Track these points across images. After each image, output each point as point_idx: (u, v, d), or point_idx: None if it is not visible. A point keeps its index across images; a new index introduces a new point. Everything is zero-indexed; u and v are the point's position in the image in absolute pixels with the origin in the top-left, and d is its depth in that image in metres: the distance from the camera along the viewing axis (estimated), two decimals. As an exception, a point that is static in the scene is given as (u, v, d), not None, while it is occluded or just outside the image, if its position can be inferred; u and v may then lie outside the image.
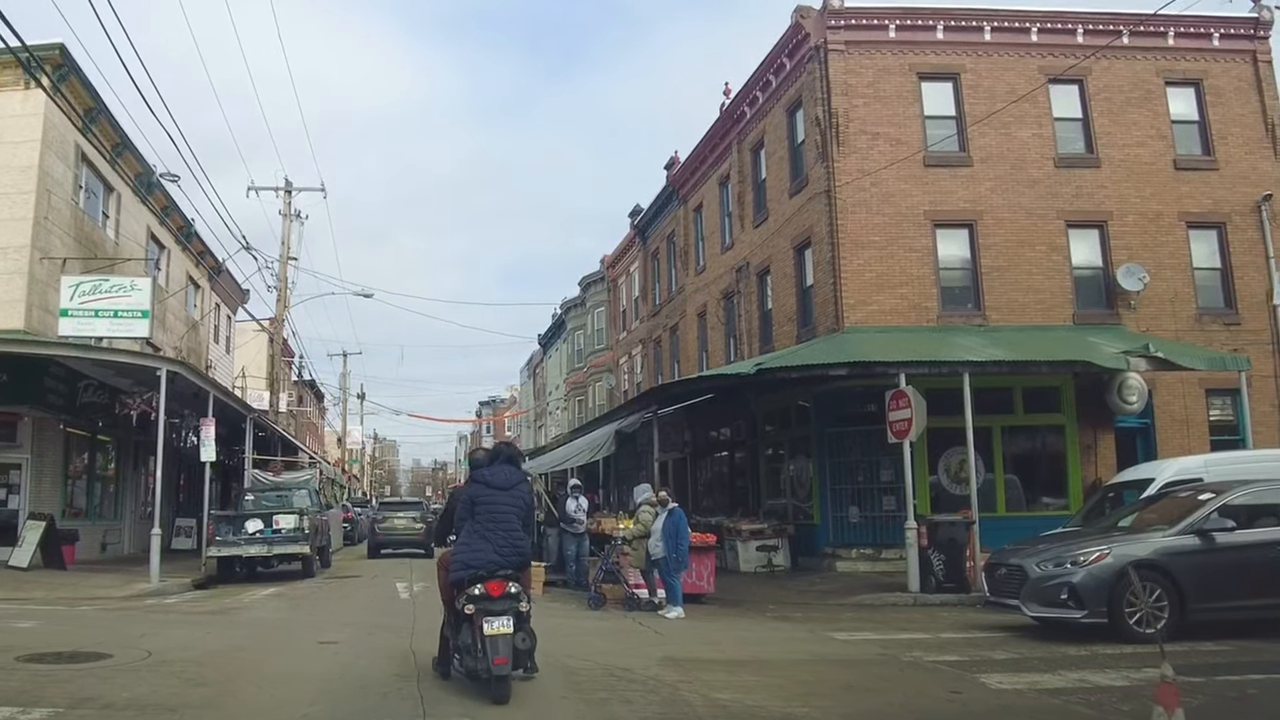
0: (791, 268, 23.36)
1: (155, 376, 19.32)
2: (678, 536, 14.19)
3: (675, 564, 14.13)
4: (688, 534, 14.51)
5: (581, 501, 18.01)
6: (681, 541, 14.29)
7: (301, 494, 23.89)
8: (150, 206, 29.92)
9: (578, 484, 18.61)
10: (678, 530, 14.24)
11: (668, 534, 14.21)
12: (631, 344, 37.71)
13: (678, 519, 14.41)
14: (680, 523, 14.40)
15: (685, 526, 14.48)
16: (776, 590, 17.66)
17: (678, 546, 14.13)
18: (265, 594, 17.09)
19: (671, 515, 14.41)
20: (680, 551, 14.20)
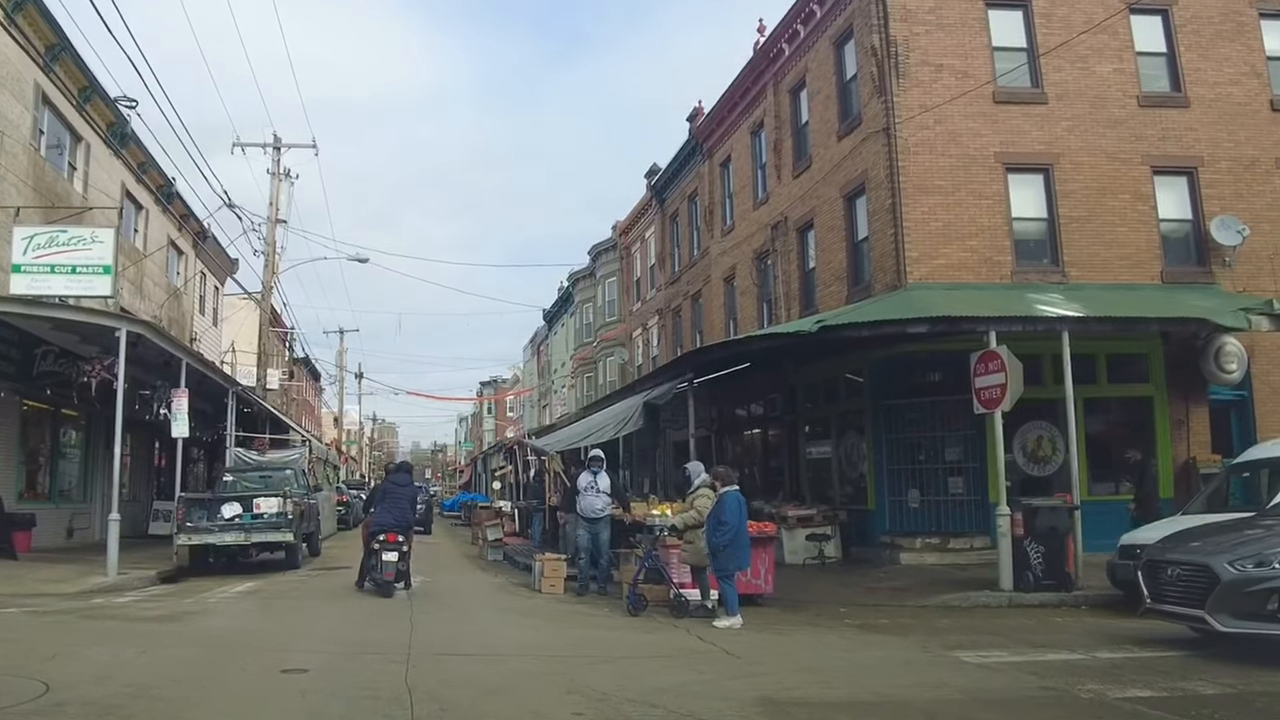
0: (841, 219, 20.66)
1: (114, 338, 16.65)
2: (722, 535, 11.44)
3: (731, 560, 11.41)
4: (745, 523, 11.78)
5: (600, 479, 14.37)
6: (741, 533, 11.60)
7: (287, 474, 21.30)
8: (125, 161, 27.24)
9: (599, 455, 14.96)
10: (722, 524, 11.49)
11: (713, 527, 11.54)
12: (647, 315, 35.00)
13: (731, 503, 11.63)
14: (736, 508, 11.65)
15: (743, 514, 11.73)
16: (837, 587, 15.06)
17: (736, 539, 11.42)
18: (237, 591, 14.48)
19: (718, 503, 11.69)
20: (738, 545, 11.50)
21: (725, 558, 11.31)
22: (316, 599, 13.33)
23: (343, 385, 60.92)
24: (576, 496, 14.36)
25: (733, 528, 11.39)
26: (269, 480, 20.77)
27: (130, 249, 27.90)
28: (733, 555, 11.41)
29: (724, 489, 11.77)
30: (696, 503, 12.29)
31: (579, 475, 14.80)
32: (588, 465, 14.77)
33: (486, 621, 10.95)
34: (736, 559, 11.52)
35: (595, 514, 14.25)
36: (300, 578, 16.95)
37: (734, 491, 11.77)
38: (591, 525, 14.24)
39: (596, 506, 14.28)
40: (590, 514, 14.25)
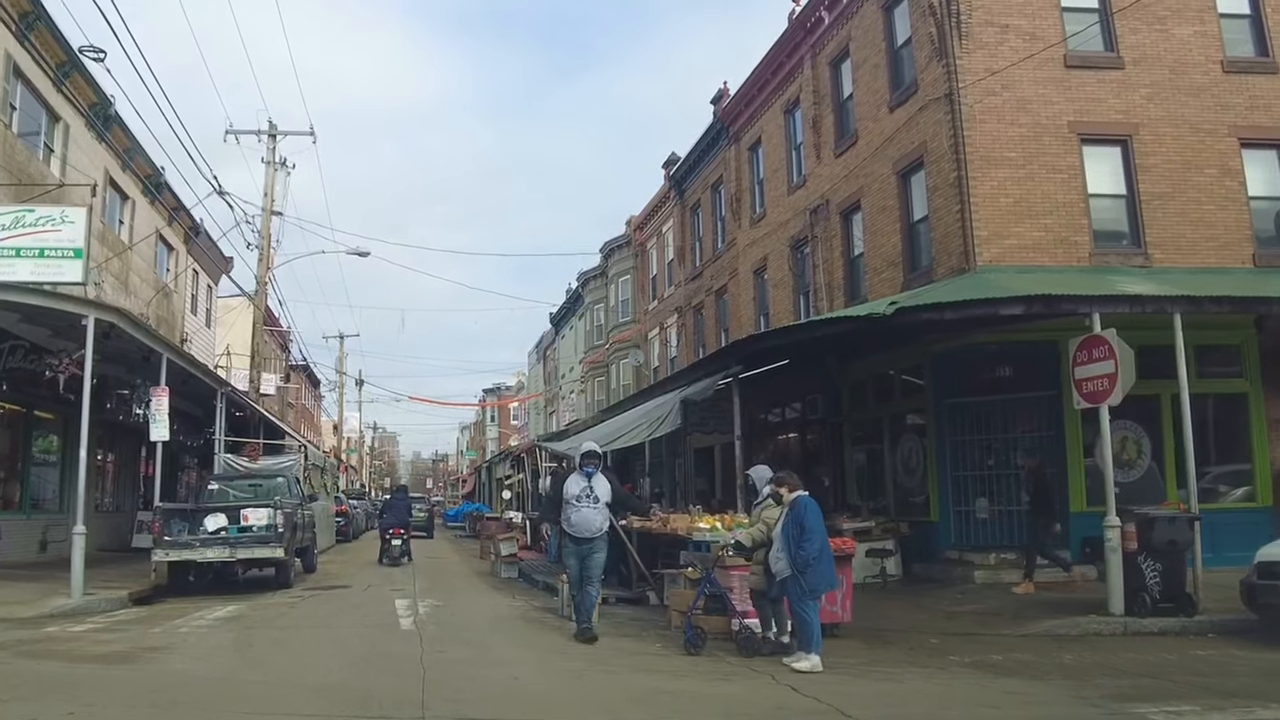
0: (894, 198, 18.64)
1: (80, 327, 14.64)
2: (812, 544, 9.26)
3: (820, 578, 9.32)
4: (825, 538, 9.69)
5: (597, 484, 10.65)
6: (828, 545, 9.56)
7: (279, 483, 19.25)
8: (110, 145, 25.23)
9: (593, 450, 11.10)
10: (808, 532, 9.30)
11: (791, 538, 9.32)
12: (664, 314, 32.93)
13: (813, 508, 9.54)
14: (819, 514, 9.60)
15: (821, 526, 9.59)
16: (914, 612, 13.02)
17: (825, 550, 9.36)
18: (215, 617, 12.43)
19: (794, 510, 9.50)
20: (827, 559, 9.44)
21: (815, 575, 9.19)
22: (308, 629, 11.24)
23: (342, 391, 58.93)
24: (564, 508, 10.60)
25: (820, 537, 9.35)
26: (259, 489, 18.75)
27: (114, 241, 25.93)
28: (822, 571, 9.32)
29: (794, 494, 9.69)
30: (764, 516, 10.19)
31: (565, 480, 10.97)
32: (580, 466, 10.82)
33: (515, 664, 8.85)
34: (827, 576, 9.45)
35: (592, 533, 10.54)
36: (291, 599, 14.89)
37: (807, 496, 9.73)
38: (582, 548, 10.54)
39: (594, 524, 10.56)
40: (585, 532, 10.50)
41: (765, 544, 9.96)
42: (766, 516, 10.09)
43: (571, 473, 11.21)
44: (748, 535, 10.31)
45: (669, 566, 13.72)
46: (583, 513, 10.57)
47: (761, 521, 10.13)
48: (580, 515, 10.58)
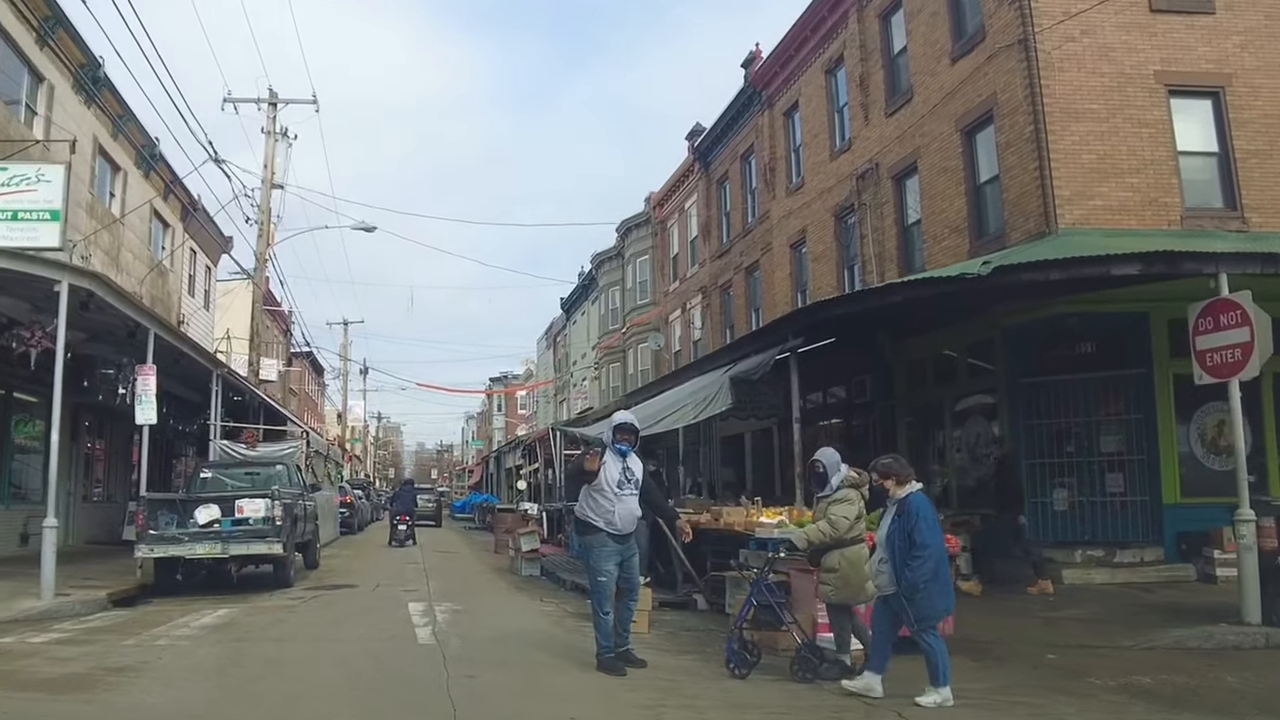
0: (957, 158, 16.89)
1: (53, 294, 12.93)
2: (923, 565, 7.11)
3: (935, 602, 7.25)
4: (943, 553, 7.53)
5: (633, 463, 8.53)
6: (945, 561, 7.45)
7: (278, 471, 17.57)
8: (102, 108, 23.49)
9: (628, 423, 8.77)
10: (919, 546, 7.15)
11: (898, 551, 7.24)
12: (687, 295, 31.15)
13: (926, 512, 7.33)
14: (935, 521, 7.42)
15: (938, 537, 7.39)
16: (1004, 618, 11.31)
17: (940, 570, 7.27)
18: (202, 624, 10.73)
19: (905, 514, 7.32)
20: (943, 579, 7.32)
21: (927, 599, 7.12)
22: (308, 643, 9.51)
23: (346, 379, 57.26)
24: (594, 500, 8.36)
25: (935, 552, 7.21)
26: (256, 478, 17.11)
27: (104, 214, 24.22)
28: (937, 594, 7.21)
29: (903, 489, 7.49)
30: (833, 511, 8.22)
31: (601, 460, 8.39)
32: (613, 443, 8.48)
33: (568, 696, 7.07)
34: (941, 601, 7.29)
35: (634, 527, 8.53)
36: (291, 601, 13.19)
37: (920, 493, 7.56)
38: (624, 547, 8.40)
39: (637, 514, 8.53)
40: (629, 527, 8.39)
41: (831, 547, 8.15)
42: (836, 513, 8.17)
43: (604, 453, 8.57)
44: (802, 535, 8.42)
45: (720, 567, 12.04)
46: (626, 503, 8.27)
47: (826, 519, 8.24)
48: (624, 507, 8.26)
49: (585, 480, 8.40)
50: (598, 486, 8.26)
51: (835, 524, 8.10)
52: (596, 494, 8.27)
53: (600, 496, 8.26)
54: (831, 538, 8.09)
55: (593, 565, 8.28)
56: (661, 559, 14.68)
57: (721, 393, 13.16)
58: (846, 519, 8.09)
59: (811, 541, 8.23)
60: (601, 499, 8.26)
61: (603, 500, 8.25)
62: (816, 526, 8.25)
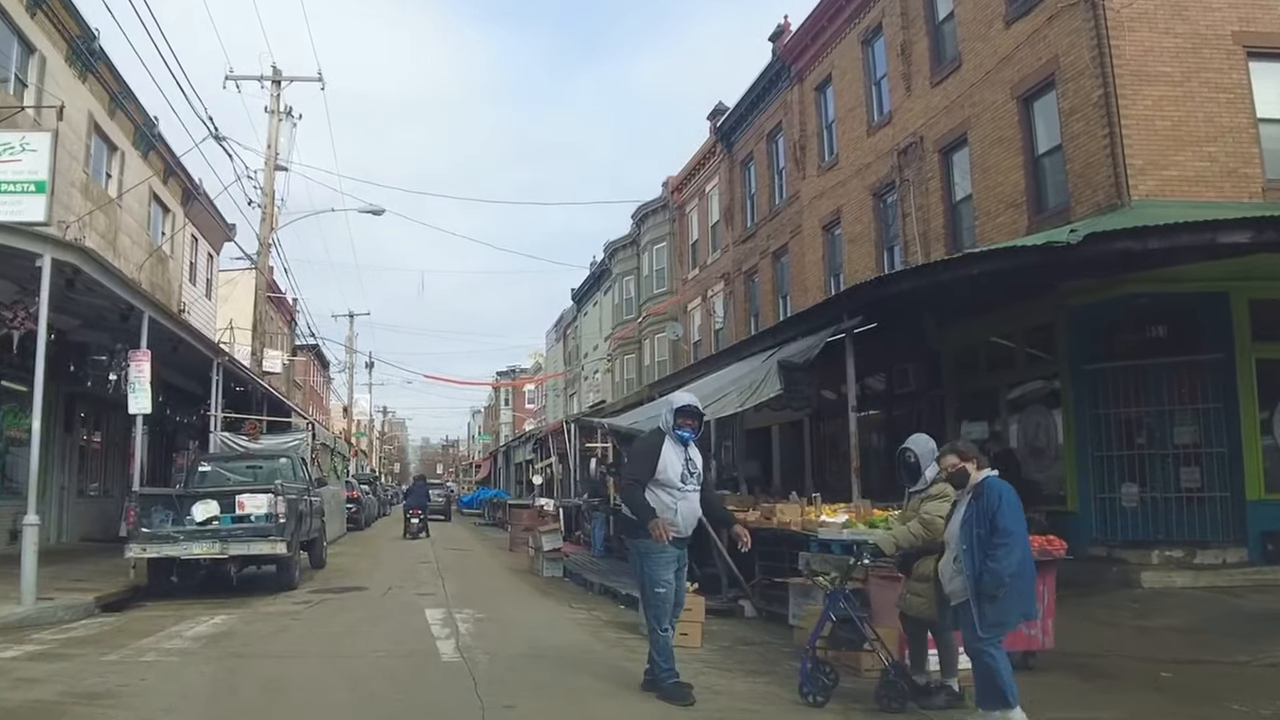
0: (1013, 128, 15.67)
1: (35, 269, 11.78)
2: (1009, 555, 6.00)
3: (1014, 606, 6.12)
4: (1027, 544, 6.44)
5: (692, 455, 7.16)
6: (1029, 554, 6.33)
7: (282, 464, 16.43)
8: (98, 83, 22.36)
9: (693, 406, 7.32)
10: (1002, 533, 6.03)
11: (976, 543, 6.09)
12: (708, 282, 29.91)
13: (1010, 498, 6.18)
14: (1018, 506, 6.25)
15: (1022, 525, 6.25)
16: (1090, 626, 10.12)
17: (1025, 564, 6.17)
18: (196, 634, 9.58)
19: (983, 499, 6.21)
20: (1026, 576, 6.19)
21: (1009, 600, 6.02)
22: (315, 659, 8.31)
23: (352, 372, 56.16)
24: (655, 494, 6.95)
25: (1020, 540, 6.12)
26: (258, 472, 15.96)
27: (100, 194, 23.07)
28: (1021, 594, 6.12)
29: (980, 473, 6.39)
30: (927, 509, 6.99)
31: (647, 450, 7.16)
32: (673, 429, 7.08)
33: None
34: (1025, 601, 6.21)
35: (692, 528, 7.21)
36: (295, 606, 12.02)
37: (998, 477, 6.43)
38: (683, 549, 7.21)
39: (698, 510, 7.20)
40: (689, 529, 7.15)
41: (925, 552, 6.96)
42: (929, 510, 6.99)
43: (652, 439, 7.26)
44: (890, 539, 7.20)
45: (771, 571, 10.87)
46: (689, 500, 7.00)
47: (919, 519, 7.05)
48: (687, 505, 6.99)
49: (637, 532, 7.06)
50: (659, 480, 6.97)
51: (930, 524, 6.91)
52: (655, 490, 6.98)
53: (660, 493, 6.96)
54: (926, 540, 6.90)
55: (648, 573, 6.99)
56: (698, 560, 13.51)
57: (769, 378, 11.97)
58: (940, 518, 6.90)
59: (902, 545, 7.04)
60: (662, 495, 6.95)
61: (663, 496, 6.96)
62: (908, 528, 7.06)
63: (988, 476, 6.38)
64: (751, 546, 7.59)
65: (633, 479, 7.13)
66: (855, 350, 12.37)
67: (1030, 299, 14.09)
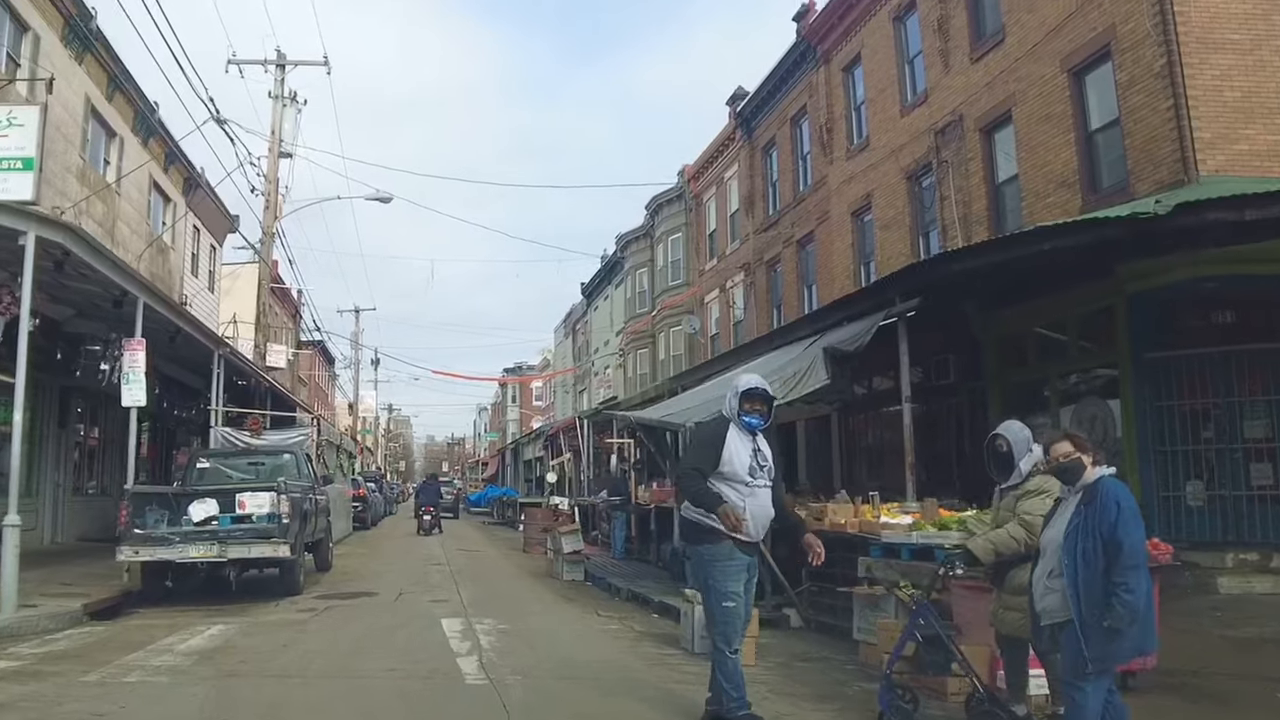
0: (1064, 103, 14.70)
1: (17, 247, 10.88)
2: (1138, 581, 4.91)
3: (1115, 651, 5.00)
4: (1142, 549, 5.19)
5: (761, 445, 6.20)
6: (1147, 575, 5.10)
7: (285, 461, 15.50)
8: (96, 64, 21.47)
9: (757, 388, 6.25)
10: (1127, 553, 4.91)
11: (1083, 556, 5.02)
12: (727, 273, 28.93)
13: (1115, 514, 5.00)
14: (1126, 524, 4.99)
15: (1142, 540, 5.20)
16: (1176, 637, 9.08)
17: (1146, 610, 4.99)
18: (189, 647, 8.66)
19: (1096, 503, 5.11)
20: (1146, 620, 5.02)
21: (1132, 635, 4.94)
22: (321, 681, 7.35)
23: (358, 368, 55.30)
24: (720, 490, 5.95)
25: (1137, 557, 4.99)
26: (261, 469, 15.06)
27: (97, 181, 22.18)
28: (1140, 627, 4.99)
29: (1095, 470, 5.28)
30: (1026, 508, 6.01)
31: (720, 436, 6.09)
32: (739, 415, 6.11)
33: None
34: (1144, 632, 5.03)
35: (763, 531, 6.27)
36: (300, 614, 11.09)
37: (1113, 478, 5.33)
38: (753, 556, 6.19)
39: (770, 510, 6.16)
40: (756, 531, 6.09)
41: (1021, 559, 5.98)
42: (1029, 509, 6.02)
43: (714, 426, 6.25)
44: (988, 544, 6.09)
45: (819, 576, 9.91)
46: (759, 497, 6.01)
47: (1018, 520, 6.06)
48: (757, 503, 5.99)
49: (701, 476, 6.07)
50: (723, 473, 6.00)
51: (1032, 526, 5.94)
52: (718, 485, 6.00)
53: (724, 488, 5.98)
54: (1029, 546, 5.92)
55: (714, 585, 5.99)
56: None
57: (814, 368, 11.03)
58: (1039, 516, 5.94)
59: (1000, 552, 6.05)
60: (727, 491, 5.96)
61: (728, 493, 5.95)
62: (1007, 531, 6.07)
63: (1103, 476, 5.27)
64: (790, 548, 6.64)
65: (692, 468, 6.16)
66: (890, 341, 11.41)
67: (1086, 283, 13.13)
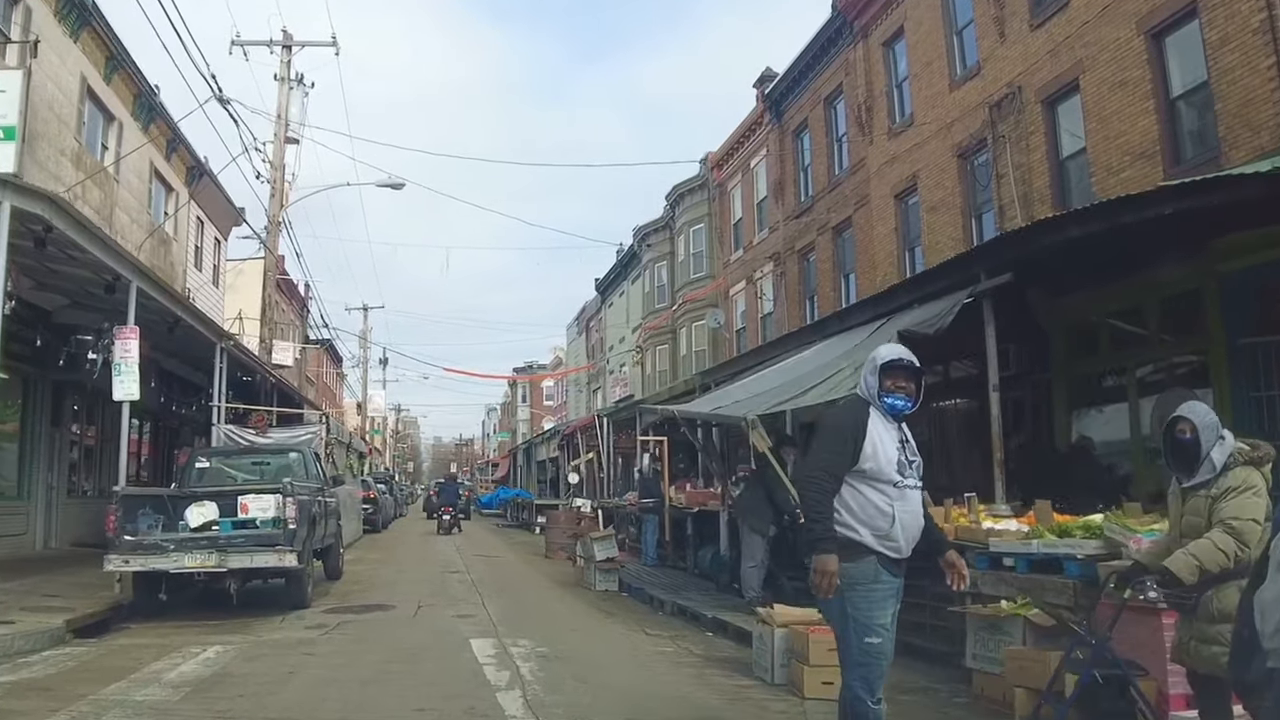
0: (1141, 67, 13.43)
1: None
2: None
3: None
4: None
5: (908, 435, 4.78)
6: None
7: (292, 460, 14.24)
8: (93, 42, 20.31)
9: (901, 359, 4.74)
10: None
11: None
12: (754, 264, 27.63)
13: None
14: None
15: None
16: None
17: None
18: (179, 674, 7.45)
19: None
20: None
21: None
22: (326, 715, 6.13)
23: (366, 366, 54.15)
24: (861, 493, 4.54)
25: None
26: (265, 468, 13.82)
27: (93, 165, 21.02)
28: None
29: None
30: (1233, 509, 4.74)
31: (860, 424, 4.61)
32: (879, 396, 4.67)
33: None
34: None
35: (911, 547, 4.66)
36: (308, 632, 9.85)
37: None
38: (901, 576, 4.67)
39: (921, 519, 4.70)
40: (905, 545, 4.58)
41: (1224, 578, 4.71)
42: (1233, 513, 4.78)
43: (849, 412, 4.80)
44: (1188, 560, 4.72)
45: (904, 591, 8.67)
46: (911, 503, 4.60)
47: (1223, 526, 4.80)
48: (907, 508, 4.57)
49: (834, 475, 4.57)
50: (864, 472, 4.58)
51: (1242, 533, 4.68)
52: (859, 487, 4.58)
53: (867, 491, 4.56)
54: (1239, 560, 4.67)
55: (858, 617, 4.52)
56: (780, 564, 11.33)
57: (887, 352, 9.73)
58: (1257, 523, 4.69)
59: (1205, 569, 4.77)
60: (871, 496, 4.55)
61: (873, 497, 4.53)
62: (1210, 541, 4.76)
63: None
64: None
65: (822, 469, 4.58)
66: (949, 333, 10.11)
67: (1170, 263, 11.85)
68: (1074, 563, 6.54)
